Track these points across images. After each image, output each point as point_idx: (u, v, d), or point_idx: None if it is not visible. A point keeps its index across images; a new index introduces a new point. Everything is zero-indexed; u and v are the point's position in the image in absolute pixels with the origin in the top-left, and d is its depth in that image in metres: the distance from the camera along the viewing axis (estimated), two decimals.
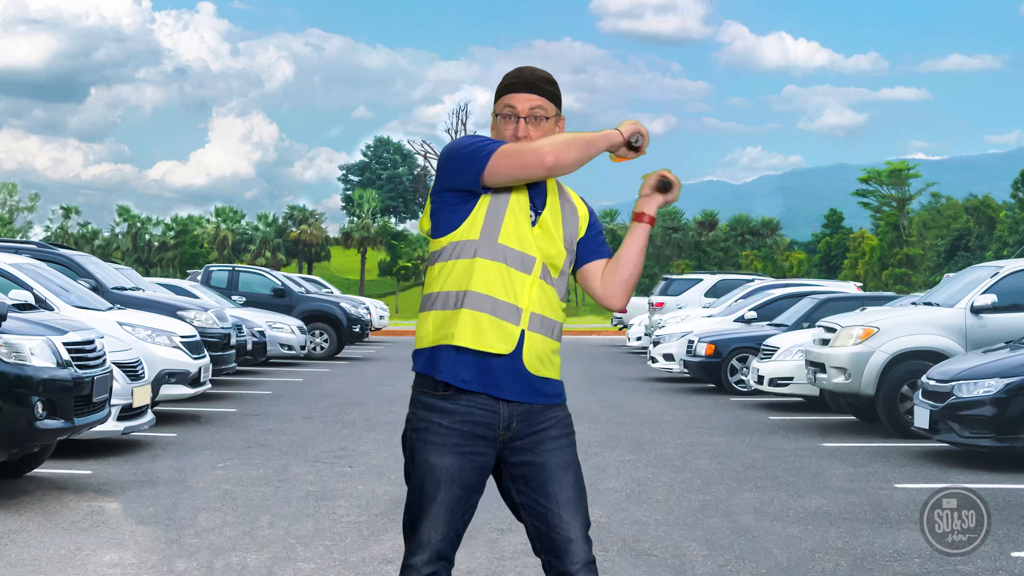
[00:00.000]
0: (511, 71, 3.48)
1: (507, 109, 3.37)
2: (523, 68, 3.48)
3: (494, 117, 3.44)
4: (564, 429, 3.29)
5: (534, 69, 3.50)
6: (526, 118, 3.35)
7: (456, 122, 47.98)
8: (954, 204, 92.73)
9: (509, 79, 3.43)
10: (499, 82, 3.47)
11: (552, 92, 3.45)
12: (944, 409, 8.63)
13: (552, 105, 3.43)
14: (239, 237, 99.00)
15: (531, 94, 3.39)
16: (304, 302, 22.40)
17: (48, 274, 11.12)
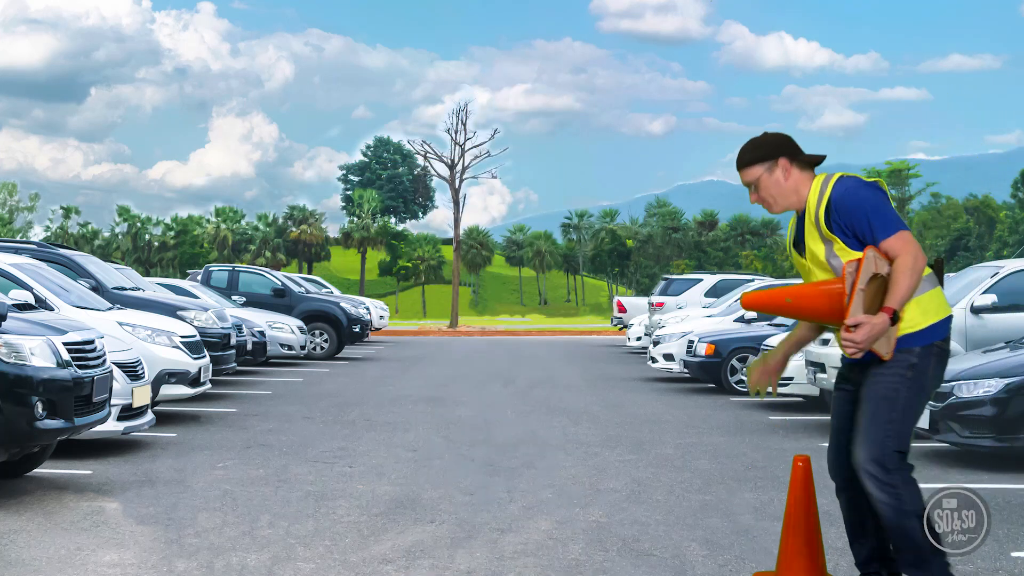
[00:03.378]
0: None
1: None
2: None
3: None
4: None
5: (743, 145, 4.47)
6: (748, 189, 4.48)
7: (456, 122, 47.92)
8: (954, 204, 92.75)
9: None
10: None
11: (750, 159, 4.42)
12: (944, 409, 8.63)
13: (752, 170, 4.42)
14: (239, 237, 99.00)
15: (739, 171, 4.47)
16: (304, 302, 22.41)
17: (48, 274, 11.12)
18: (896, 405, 4.24)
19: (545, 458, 8.94)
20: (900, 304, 4.11)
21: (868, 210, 4.19)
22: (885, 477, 4.20)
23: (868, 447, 4.23)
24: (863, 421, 4.28)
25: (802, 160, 4.38)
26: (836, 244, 4.25)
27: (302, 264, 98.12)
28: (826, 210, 4.24)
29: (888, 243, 4.17)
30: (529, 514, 6.69)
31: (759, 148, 4.39)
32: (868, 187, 4.27)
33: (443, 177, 48.69)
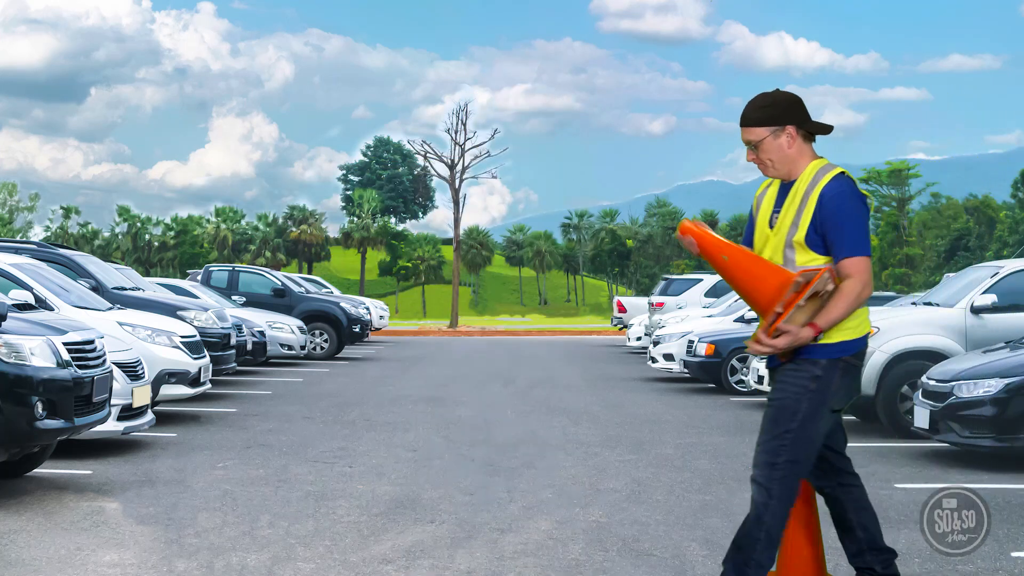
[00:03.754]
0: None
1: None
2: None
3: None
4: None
5: (752, 100, 4.34)
6: (747, 149, 4.36)
7: (456, 122, 47.91)
8: (954, 204, 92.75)
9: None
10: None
11: (758, 118, 4.29)
12: (944, 409, 8.63)
13: (757, 130, 4.28)
14: (239, 237, 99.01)
15: (742, 127, 4.34)
16: (304, 302, 22.41)
17: (48, 274, 11.12)
18: (796, 416, 4.25)
19: (545, 458, 8.94)
20: (828, 326, 4.15)
21: (849, 222, 4.18)
22: (767, 483, 4.25)
23: (762, 452, 4.29)
24: (763, 426, 4.34)
25: (809, 128, 4.31)
26: (799, 234, 4.23)
27: (302, 264, 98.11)
28: (818, 200, 4.21)
29: (849, 262, 4.17)
30: (529, 514, 6.69)
31: (769, 108, 4.28)
32: (859, 199, 4.25)
33: (443, 177, 48.70)
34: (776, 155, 4.30)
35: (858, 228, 4.19)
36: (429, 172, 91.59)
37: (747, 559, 4.28)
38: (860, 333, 4.30)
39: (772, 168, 4.34)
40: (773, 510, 4.24)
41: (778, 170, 4.33)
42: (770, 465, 4.25)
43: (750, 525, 4.28)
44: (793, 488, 4.30)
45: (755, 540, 4.27)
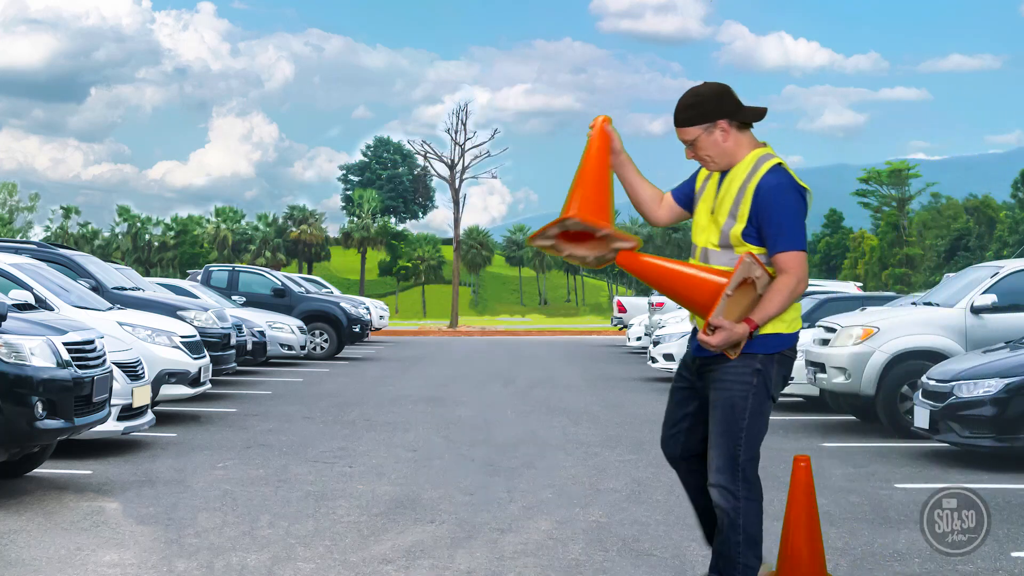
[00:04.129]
0: None
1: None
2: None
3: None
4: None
5: (681, 99, 4.27)
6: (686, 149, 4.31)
7: (456, 122, 47.92)
8: (954, 204, 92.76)
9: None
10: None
11: (687, 118, 4.22)
12: (944, 409, 8.63)
13: (690, 129, 4.23)
14: (239, 237, 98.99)
15: (676, 128, 4.27)
16: (304, 302, 22.41)
17: (48, 274, 11.12)
18: (744, 413, 4.26)
19: (545, 458, 8.94)
20: (764, 321, 4.13)
21: (786, 215, 4.13)
22: (731, 486, 4.26)
23: (719, 456, 4.28)
24: (715, 431, 4.30)
25: (741, 118, 4.25)
26: (737, 227, 4.19)
27: (302, 264, 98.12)
28: (754, 192, 4.17)
29: (784, 257, 4.13)
30: (529, 514, 6.69)
31: (697, 107, 4.22)
32: (797, 191, 4.20)
33: (443, 177, 48.72)
34: (713, 150, 4.25)
35: (794, 222, 4.14)
36: (429, 172, 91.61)
37: (734, 564, 4.29)
38: (796, 327, 4.32)
39: (713, 163, 4.30)
40: (745, 510, 4.26)
41: (719, 164, 4.29)
42: (732, 469, 4.26)
43: (727, 531, 4.27)
44: (758, 483, 4.31)
45: (735, 544, 4.27)
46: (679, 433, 4.50)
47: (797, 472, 4.73)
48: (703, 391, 4.40)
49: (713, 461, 4.30)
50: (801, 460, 4.76)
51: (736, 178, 4.22)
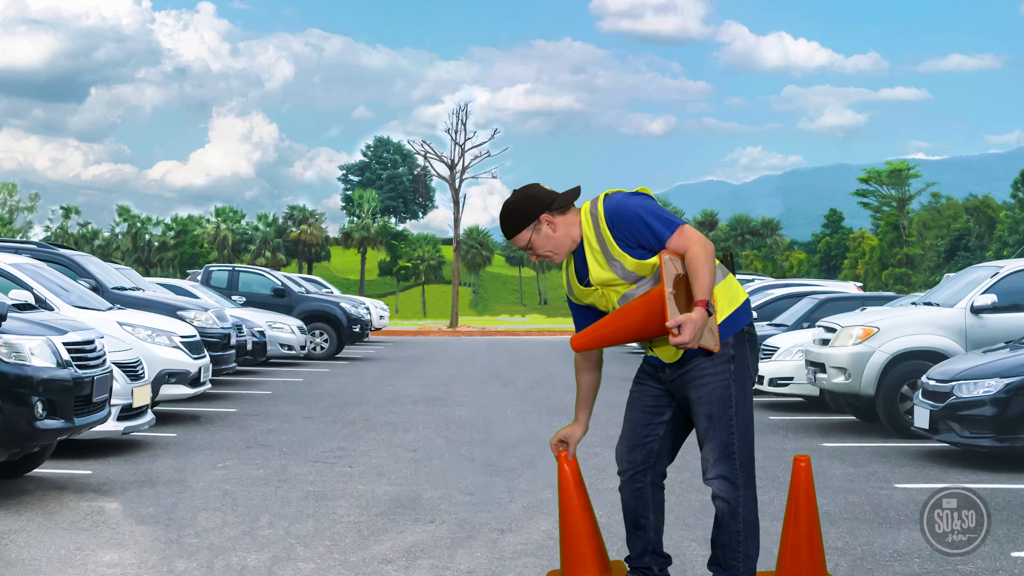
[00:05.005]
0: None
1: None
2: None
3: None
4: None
5: (500, 215, 4.38)
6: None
7: (456, 122, 47.90)
8: (954, 204, 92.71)
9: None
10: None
11: (512, 226, 4.36)
12: (944, 409, 8.63)
13: (520, 236, 4.35)
14: (239, 237, 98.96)
15: (509, 240, 4.42)
16: (304, 302, 22.41)
17: (48, 274, 11.12)
18: (731, 402, 4.33)
19: (545, 458, 8.93)
20: (707, 293, 4.12)
21: (643, 215, 4.21)
22: (731, 474, 4.33)
23: (716, 450, 4.33)
24: (704, 427, 4.35)
25: (560, 205, 4.34)
26: (627, 261, 4.24)
27: (302, 264, 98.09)
28: (607, 227, 4.23)
29: (673, 241, 4.19)
30: (529, 514, 6.70)
31: (516, 214, 4.35)
32: (635, 196, 4.30)
33: (443, 177, 48.70)
34: (550, 245, 4.36)
35: (655, 212, 4.22)
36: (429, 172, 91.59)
37: (734, 553, 4.33)
38: (742, 299, 4.39)
39: (556, 255, 4.40)
40: (745, 498, 4.33)
41: (562, 252, 4.40)
42: (729, 458, 4.33)
43: (727, 521, 4.32)
44: (754, 470, 4.40)
45: (735, 533, 4.33)
46: (652, 441, 4.51)
47: (797, 472, 4.73)
48: (680, 395, 4.42)
49: (709, 455, 4.35)
50: (801, 460, 4.76)
51: (591, 240, 4.31)
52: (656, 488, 4.56)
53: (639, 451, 4.52)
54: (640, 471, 4.53)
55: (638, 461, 4.52)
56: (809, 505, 4.66)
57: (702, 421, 4.35)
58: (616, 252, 4.23)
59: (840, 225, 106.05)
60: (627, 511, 4.59)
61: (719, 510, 4.35)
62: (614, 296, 4.35)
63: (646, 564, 4.58)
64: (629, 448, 4.55)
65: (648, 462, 4.53)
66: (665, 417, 4.51)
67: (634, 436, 4.54)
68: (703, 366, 4.32)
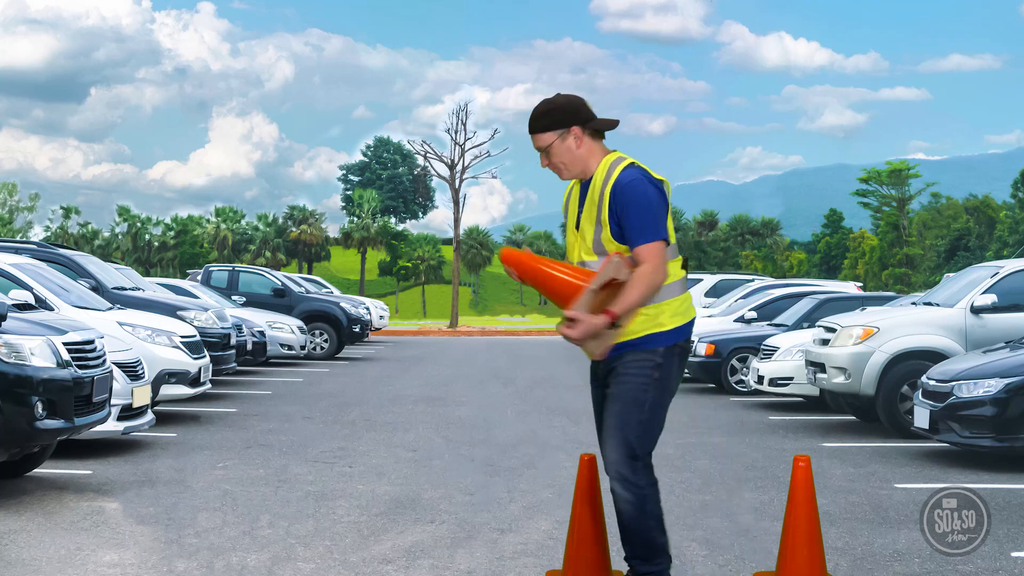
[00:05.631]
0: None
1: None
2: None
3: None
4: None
5: (535, 108, 4.33)
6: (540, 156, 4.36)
7: (456, 122, 47.89)
8: (954, 204, 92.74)
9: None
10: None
11: (542, 125, 4.29)
12: (944, 409, 8.63)
13: (544, 136, 4.29)
14: (239, 237, 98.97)
15: (531, 135, 4.35)
16: (304, 302, 22.41)
17: (48, 274, 11.12)
18: (644, 406, 4.34)
19: (545, 458, 8.94)
20: (624, 311, 4.15)
21: (641, 209, 4.19)
22: (632, 477, 4.35)
23: (618, 448, 4.36)
24: (612, 422, 4.37)
25: (594, 126, 4.32)
26: (605, 231, 4.25)
27: (302, 264, 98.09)
28: (611, 193, 4.23)
29: (642, 249, 4.19)
30: (529, 514, 6.70)
31: (551, 115, 4.29)
32: (652, 185, 4.27)
33: (443, 177, 48.70)
34: (567, 157, 4.32)
35: (651, 214, 4.20)
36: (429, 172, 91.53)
37: (651, 548, 4.39)
38: (690, 317, 4.41)
39: (566, 170, 4.37)
40: (650, 495, 4.39)
41: (572, 171, 4.37)
42: (631, 458, 4.37)
43: (637, 519, 4.36)
44: (652, 469, 4.45)
45: (648, 529, 4.38)
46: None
47: (797, 472, 4.74)
48: (607, 389, 4.45)
49: (611, 453, 4.38)
50: (801, 460, 4.76)
51: (595, 186, 4.30)
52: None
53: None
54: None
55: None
56: (809, 505, 4.66)
57: (610, 416, 4.37)
58: (604, 218, 4.24)
59: (840, 225, 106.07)
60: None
61: (624, 511, 4.38)
62: (581, 255, 4.36)
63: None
64: (603, 450, 4.58)
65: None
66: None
67: (601, 438, 4.58)
68: (628, 364, 4.33)
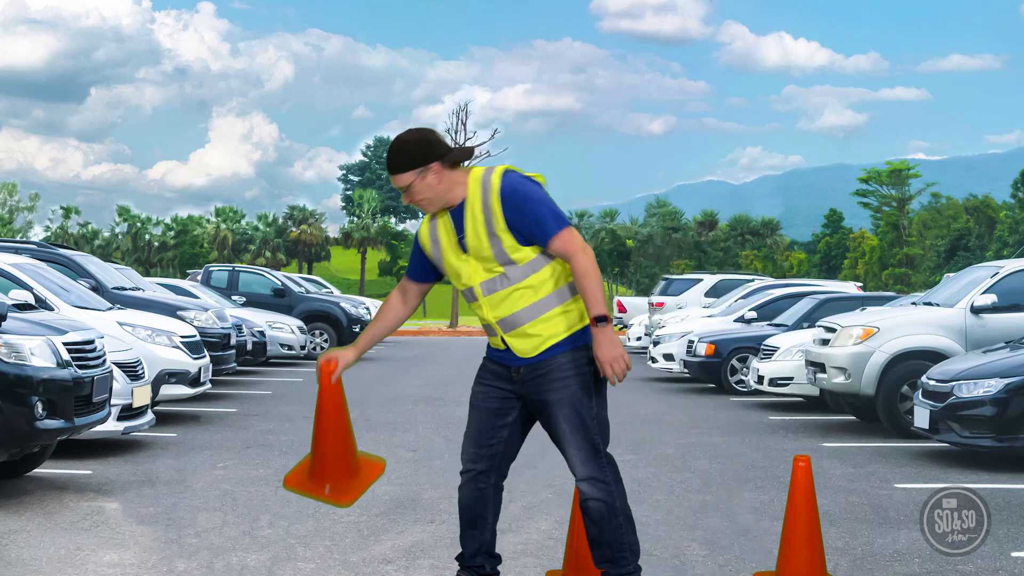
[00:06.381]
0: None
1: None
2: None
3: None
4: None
5: (390, 148, 4.27)
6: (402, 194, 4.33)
7: (456, 122, 47.89)
8: (954, 204, 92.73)
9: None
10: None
11: (399, 164, 4.25)
12: (944, 409, 8.63)
13: (403, 176, 4.24)
14: (239, 237, 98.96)
15: (391, 176, 4.31)
16: (304, 302, 22.41)
17: (48, 274, 11.12)
18: (591, 403, 4.38)
19: (545, 458, 8.92)
20: (605, 304, 4.19)
21: (538, 203, 4.19)
22: (601, 475, 4.35)
23: (581, 450, 4.37)
24: (567, 427, 4.36)
25: (452, 159, 4.30)
26: (507, 241, 4.21)
27: (302, 264, 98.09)
28: (500, 202, 4.19)
29: (558, 240, 4.18)
30: (529, 514, 6.70)
31: (408, 153, 4.26)
32: (533, 183, 4.27)
33: None
34: (429, 193, 4.29)
35: (546, 207, 4.20)
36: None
37: (620, 546, 4.35)
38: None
39: (431, 205, 4.34)
40: (618, 492, 4.37)
41: (436, 205, 4.34)
42: (595, 457, 4.37)
43: (607, 518, 4.33)
44: (615, 463, 4.43)
45: (617, 527, 4.35)
46: (497, 443, 4.49)
47: (797, 472, 4.74)
48: (533, 397, 4.38)
49: (574, 457, 4.38)
50: (801, 460, 4.76)
51: (474, 204, 4.25)
52: (497, 489, 4.55)
53: (484, 452, 4.50)
54: (484, 472, 4.50)
55: (483, 462, 4.50)
56: (809, 505, 4.66)
57: (562, 423, 4.35)
58: (500, 228, 4.19)
59: (840, 225, 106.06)
60: (464, 510, 4.54)
61: (595, 511, 4.34)
62: (482, 276, 4.29)
63: (479, 563, 4.54)
64: (475, 448, 4.53)
65: (492, 463, 4.51)
66: (510, 419, 4.49)
67: (480, 437, 4.52)
68: (563, 367, 4.30)
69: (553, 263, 4.26)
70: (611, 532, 4.34)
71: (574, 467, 4.38)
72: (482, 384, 4.55)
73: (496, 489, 4.54)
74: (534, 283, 4.24)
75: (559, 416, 4.35)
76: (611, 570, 4.38)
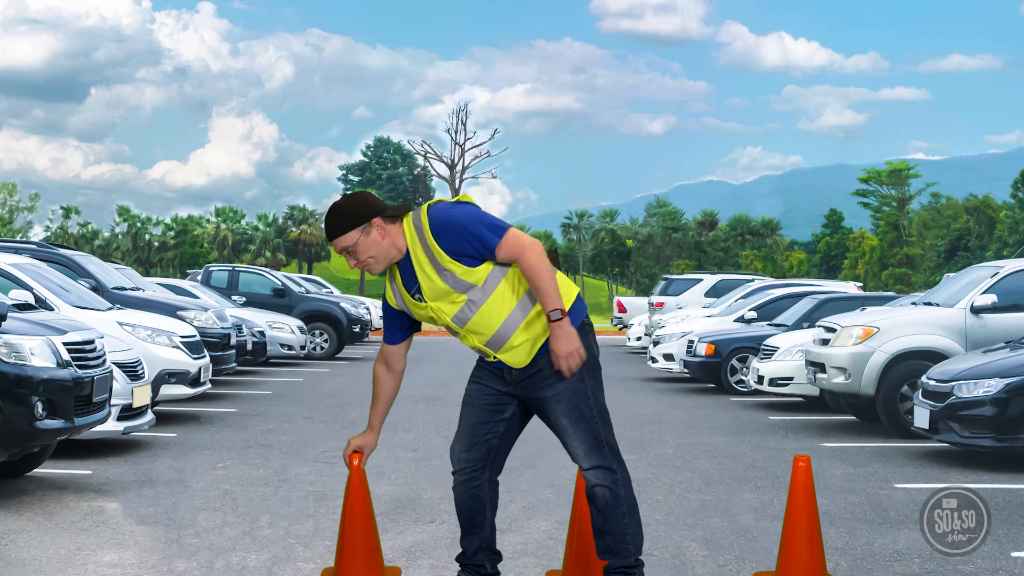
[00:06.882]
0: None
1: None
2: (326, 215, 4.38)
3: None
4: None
5: (329, 214, 4.32)
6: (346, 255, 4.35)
7: (456, 122, 47.93)
8: (954, 204, 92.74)
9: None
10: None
11: (341, 227, 4.29)
12: (944, 409, 8.63)
13: (346, 237, 4.29)
14: (239, 237, 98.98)
15: (333, 241, 4.33)
16: (304, 302, 22.40)
17: (48, 274, 11.12)
18: (588, 394, 4.41)
19: (545, 458, 8.94)
20: (558, 299, 4.21)
21: (467, 225, 4.21)
22: (605, 462, 4.39)
23: (585, 441, 4.40)
24: (568, 421, 4.40)
25: (390, 214, 4.35)
26: (459, 270, 4.24)
27: (302, 264, 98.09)
28: (434, 237, 4.23)
29: (502, 247, 4.21)
30: (529, 514, 6.70)
31: (349, 216, 4.29)
32: (459, 205, 4.31)
33: (443, 177, 48.76)
34: (375, 250, 4.32)
35: (478, 219, 4.23)
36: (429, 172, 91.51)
37: (623, 536, 4.38)
38: (575, 292, 4.46)
39: (377, 263, 4.36)
40: (623, 480, 4.40)
41: (382, 263, 4.36)
42: (598, 447, 4.39)
43: (611, 507, 4.36)
44: (619, 450, 4.47)
45: (620, 516, 4.38)
46: (492, 438, 4.53)
47: (797, 472, 4.74)
48: (530, 395, 4.42)
49: (578, 448, 4.40)
50: (801, 460, 4.76)
51: (416, 249, 4.30)
52: (493, 484, 4.58)
53: (478, 449, 4.53)
54: (478, 469, 4.53)
55: (476, 459, 4.53)
56: (809, 505, 4.66)
57: (561, 418, 4.39)
58: (445, 261, 4.23)
59: (840, 225, 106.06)
60: (462, 511, 4.57)
61: (600, 498, 4.37)
62: (449, 311, 4.33)
63: (479, 561, 4.57)
64: (467, 447, 4.54)
65: (486, 460, 4.55)
66: (506, 415, 4.53)
67: (473, 434, 4.53)
68: (551, 364, 4.33)
69: (509, 270, 4.30)
70: (615, 520, 4.37)
71: (579, 458, 4.41)
72: (477, 383, 4.56)
73: (491, 484, 4.57)
74: (501, 296, 4.28)
75: (557, 411, 4.40)
76: (613, 561, 4.40)
